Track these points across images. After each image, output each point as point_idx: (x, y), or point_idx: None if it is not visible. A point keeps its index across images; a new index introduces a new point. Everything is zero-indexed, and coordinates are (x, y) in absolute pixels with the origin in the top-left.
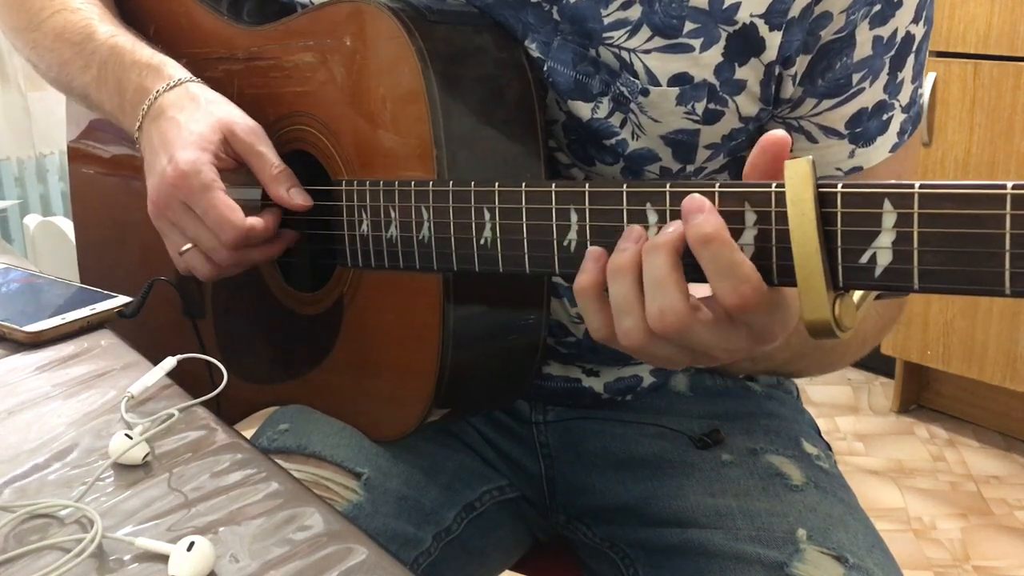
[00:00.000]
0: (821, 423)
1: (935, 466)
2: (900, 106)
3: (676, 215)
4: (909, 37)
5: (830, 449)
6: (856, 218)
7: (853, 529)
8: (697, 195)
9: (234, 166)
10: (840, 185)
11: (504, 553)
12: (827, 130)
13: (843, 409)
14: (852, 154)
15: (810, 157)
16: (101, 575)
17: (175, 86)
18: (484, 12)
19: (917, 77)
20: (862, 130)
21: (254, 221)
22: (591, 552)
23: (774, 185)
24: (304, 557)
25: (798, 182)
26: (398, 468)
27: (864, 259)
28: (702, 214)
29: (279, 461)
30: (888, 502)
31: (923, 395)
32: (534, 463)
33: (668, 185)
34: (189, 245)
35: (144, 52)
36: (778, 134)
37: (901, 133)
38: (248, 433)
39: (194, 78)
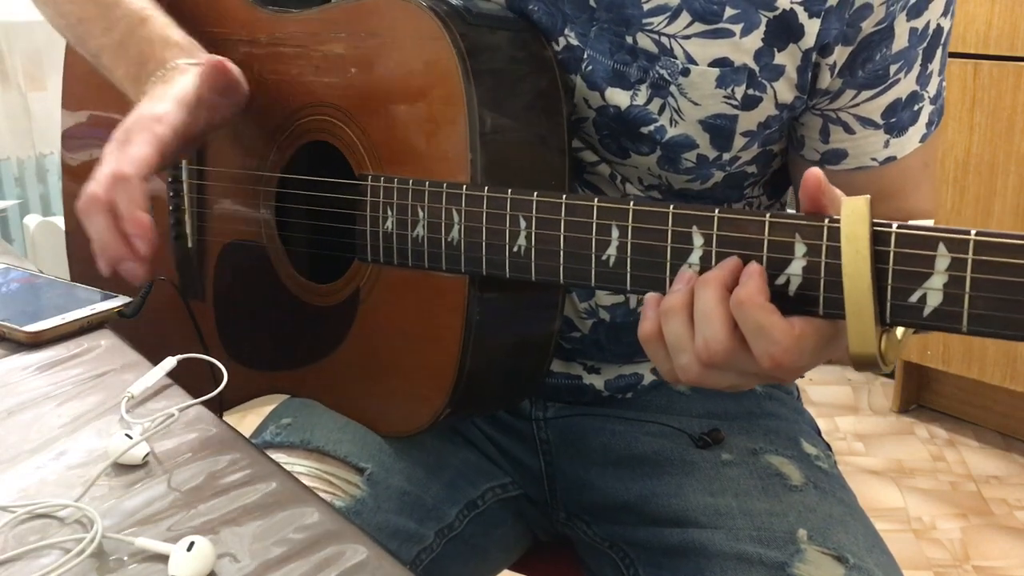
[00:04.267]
0: (821, 423)
1: (935, 466)
2: (929, 97)
3: (722, 240)
4: (939, 29)
5: (830, 449)
6: (909, 259)
7: (853, 529)
8: (753, 263)
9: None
10: (895, 226)
11: (505, 551)
12: (864, 120)
13: (843, 409)
14: (887, 144)
15: (867, 196)
16: (101, 575)
17: (195, 64)
18: (520, 11)
19: (942, 70)
20: (896, 120)
21: (124, 182)
22: (591, 551)
23: (827, 220)
24: (304, 557)
25: (855, 219)
26: (401, 464)
27: (914, 298)
28: (747, 278)
29: (282, 455)
30: (888, 502)
31: (923, 395)
32: (534, 459)
33: (716, 211)
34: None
35: (176, 32)
36: (811, 172)
37: (929, 124)
38: (250, 427)
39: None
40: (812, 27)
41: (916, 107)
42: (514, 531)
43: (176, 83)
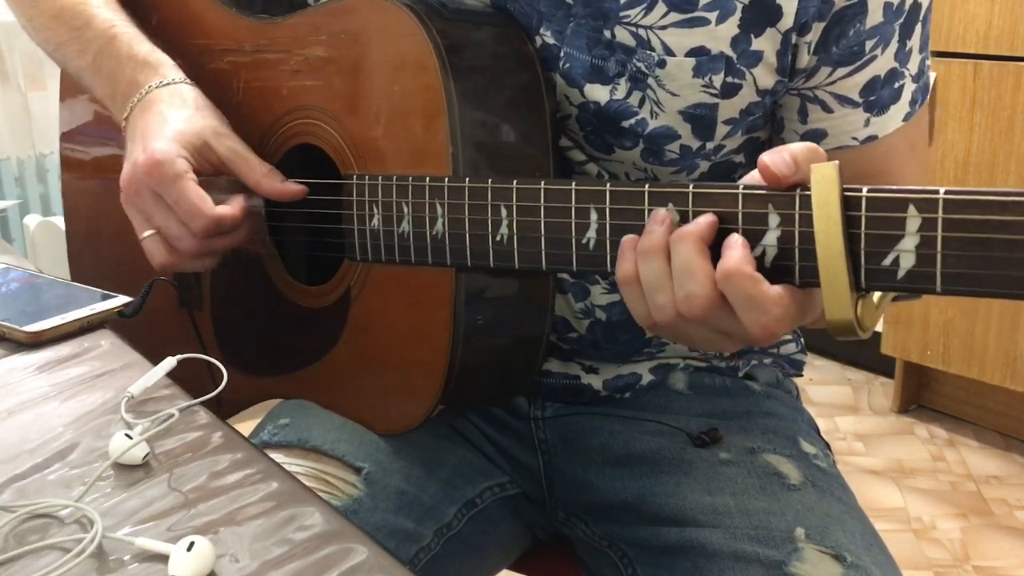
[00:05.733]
0: (821, 423)
1: (935, 466)
2: (910, 75)
3: (697, 216)
4: (916, 5)
5: (829, 448)
6: (880, 222)
7: (851, 528)
8: (735, 234)
9: (211, 173)
10: (865, 189)
11: (504, 550)
12: (842, 99)
13: (843, 409)
14: (867, 123)
15: (836, 162)
16: (101, 575)
17: (168, 84)
18: (498, 7)
19: (924, 48)
20: (876, 98)
21: (223, 210)
22: (590, 550)
23: (799, 188)
24: (304, 557)
25: (824, 185)
26: (398, 463)
27: (887, 262)
28: (730, 250)
29: (280, 455)
30: (888, 502)
31: (923, 395)
32: (532, 459)
33: (691, 186)
34: (151, 231)
35: (142, 48)
36: (760, 164)
37: (913, 103)
38: (248, 428)
39: (188, 81)
40: (790, 7)
41: (896, 85)
42: (513, 530)
43: (169, 120)
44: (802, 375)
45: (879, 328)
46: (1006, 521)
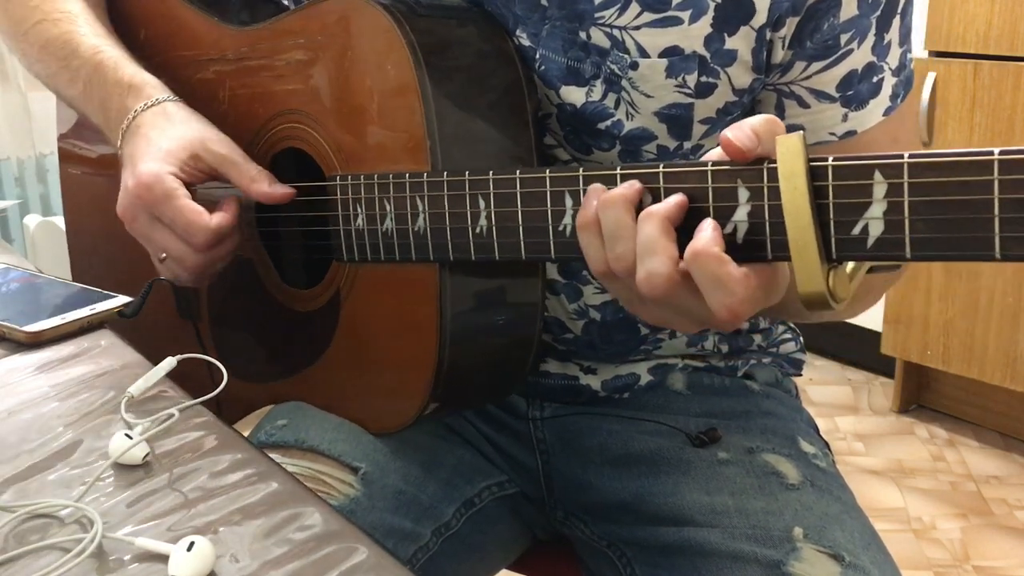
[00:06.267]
0: (821, 423)
1: (935, 466)
2: (890, 69)
3: (668, 194)
4: None
5: (828, 448)
6: (847, 190)
7: (849, 527)
8: (708, 219)
9: (204, 180)
10: (831, 158)
11: (503, 550)
12: (818, 94)
13: (843, 409)
14: (845, 118)
15: (801, 132)
16: (101, 575)
17: (152, 105)
18: (474, 5)
19: (904, 40)
20: (854, 93)
21: (219, 218)
22: (589, 550)
23: (766, 162)
24: (304, 557)
25: (790, 157)
26: (396, 463)
27: (856, 230)
28: (701, 232)
29: (276, 455)
30: (888, 502)
31: (923, 395)
32: (531, 458)
33: (661, 166)
34: (164, 255)
35: (126, 71)
36: (722, 140)
37: (894, 97)
38: (246, 430)
39: (173, 97)
40: (763, 3)
41: (875, 79)
42: (512, 529)
43: (153, 143)
44: (801, 374)
45: (879, 328)
46: (1006, 521)
